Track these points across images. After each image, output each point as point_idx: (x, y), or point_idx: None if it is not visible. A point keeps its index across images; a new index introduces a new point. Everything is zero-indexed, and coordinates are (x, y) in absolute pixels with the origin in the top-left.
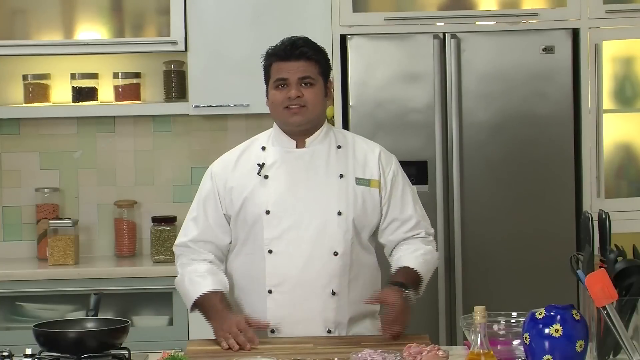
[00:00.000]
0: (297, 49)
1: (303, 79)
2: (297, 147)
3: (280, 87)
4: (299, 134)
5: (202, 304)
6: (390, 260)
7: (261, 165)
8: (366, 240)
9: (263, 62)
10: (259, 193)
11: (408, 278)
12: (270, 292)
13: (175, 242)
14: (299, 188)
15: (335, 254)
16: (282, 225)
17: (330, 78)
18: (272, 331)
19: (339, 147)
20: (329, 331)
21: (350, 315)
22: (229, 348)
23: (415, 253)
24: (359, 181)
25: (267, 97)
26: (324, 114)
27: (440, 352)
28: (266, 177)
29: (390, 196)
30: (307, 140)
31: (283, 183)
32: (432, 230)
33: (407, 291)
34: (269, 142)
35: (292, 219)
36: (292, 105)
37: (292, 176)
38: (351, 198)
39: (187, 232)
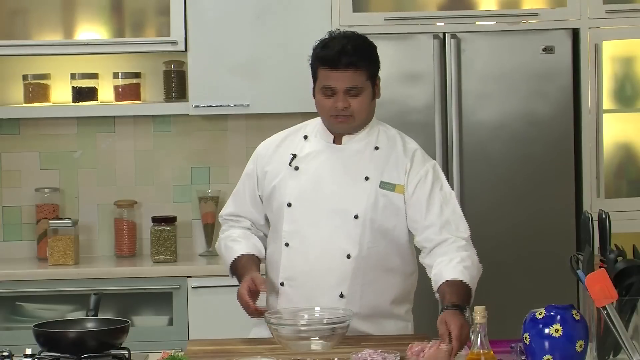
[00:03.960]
0: (346, 58)
1: (350, 89)
2: (334, 141)
3: (327, 94)
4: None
5: (235, 270)
6: (428, 273)
7: (294, 156)
8: (397, 247)
9: (310, 59)
10: (285, 184)
11: (459, 294)
12: (282, 284)
13: (220, 212)
14: (323, 186)
15: (348, 256)
16: (300, 221)
17: (379, 74)
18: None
19: (376, 147)
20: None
21: (362, 317)
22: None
23: (452, 263)
24: (384, 185)
25: (314, 95)
26: (372, 114)
27: (442, 346)
28: (296, 168)
29: (413, 200)
30: (345, 138)
31: (309, 178)
32: (465, 234)
33: (466, 314)
34: (313, 132)
35: (310, 215)
36: (339, 114)
37: (319, 173)
38: (371, 202)
39: (227, 206)
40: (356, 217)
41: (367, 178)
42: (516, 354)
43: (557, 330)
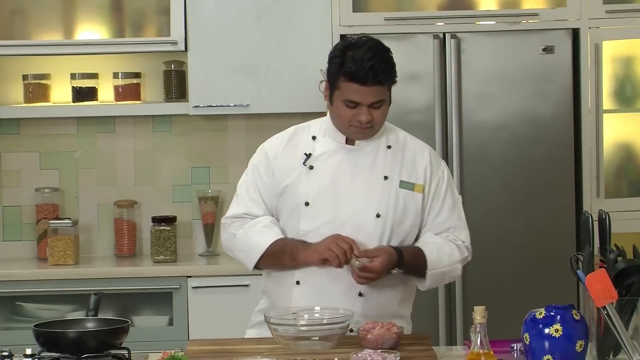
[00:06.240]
0: (376, 76)
1: (375, 102)
2: (346, 142)
3: (350, 106)
4: None
5: (279, 249)
6: None
7: (308, 155)
8: (407, 245)
9: (332, 68)
10: (301, 183)
11: (411, 255)
12: (298, 283)
13: (225, 215)
14: (341, 184)
15: None
16: (319, 219)
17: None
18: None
19: (388, 147)
20: (351, 330)
21: (375, 317)
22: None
23: (433, 241)
24: (403, 184)
25: (331, 100)
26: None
27: (393, 329)
28: (311, 167)
29: (431, 204)
30: None
31: (327, 177)
32: (465, 240)
33: (401, 258)
34: (321, 132)
35: (329, 214)
36: (361, 126)
37: (337, 172)
38: (392, 201)
39: (244, 205)
40: (378, 216)
41: (386, 177)
42: (516, 354)
43: (557, 330)
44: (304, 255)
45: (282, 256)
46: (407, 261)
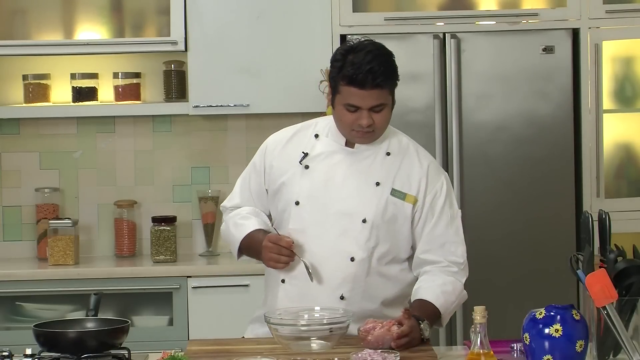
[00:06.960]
0: (374, 80)
1: (375, 106)
2: (346, 144)
3: (350, 110)
4: None
5: (247, 246)
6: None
7: (305, 154)
8: (398, 254)
9: (332, 72)
10: (294, 182)
11: (423, 311)
12: (283, 281)
13: (223, 203)
14: (333, 187)
15: (352, 259)
16: (307, 220)
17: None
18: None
19: (387, 153)
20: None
21: (358, 320)
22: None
23: (432, 284)
24: (394, 193)
25: (333, 105)
26: (389, 122)
27: (394, 328)
28: (307, 167)
29: (426, 217)
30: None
31: (320, 178)
32: (461, 259)
33: (421, 324)
34: (324, 132)
35: (318, 215)
36: (362, 130)
37: (330, 174)
38: (381, 208)
39: (232, 198)
40: (364, 221)
41: (377, 183)
42: (516, 354)
43: (557, 330)
44: (263, 259)
45: (251, 253)
46: (424, 318)
